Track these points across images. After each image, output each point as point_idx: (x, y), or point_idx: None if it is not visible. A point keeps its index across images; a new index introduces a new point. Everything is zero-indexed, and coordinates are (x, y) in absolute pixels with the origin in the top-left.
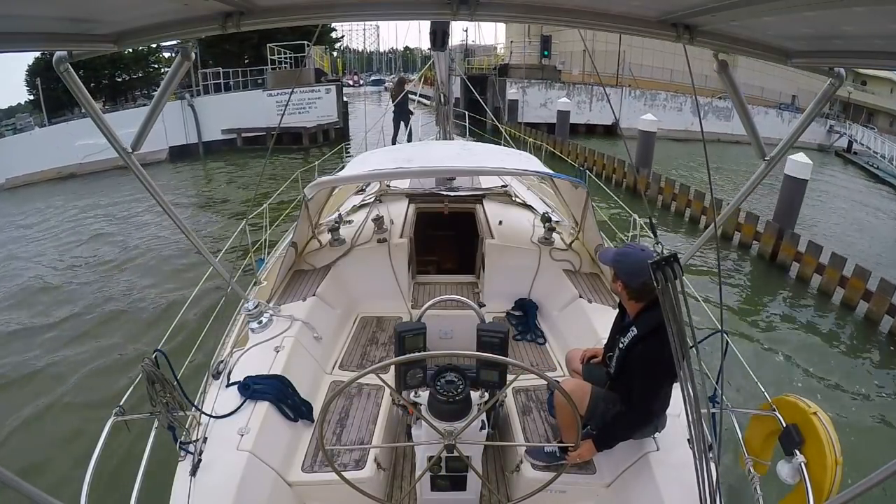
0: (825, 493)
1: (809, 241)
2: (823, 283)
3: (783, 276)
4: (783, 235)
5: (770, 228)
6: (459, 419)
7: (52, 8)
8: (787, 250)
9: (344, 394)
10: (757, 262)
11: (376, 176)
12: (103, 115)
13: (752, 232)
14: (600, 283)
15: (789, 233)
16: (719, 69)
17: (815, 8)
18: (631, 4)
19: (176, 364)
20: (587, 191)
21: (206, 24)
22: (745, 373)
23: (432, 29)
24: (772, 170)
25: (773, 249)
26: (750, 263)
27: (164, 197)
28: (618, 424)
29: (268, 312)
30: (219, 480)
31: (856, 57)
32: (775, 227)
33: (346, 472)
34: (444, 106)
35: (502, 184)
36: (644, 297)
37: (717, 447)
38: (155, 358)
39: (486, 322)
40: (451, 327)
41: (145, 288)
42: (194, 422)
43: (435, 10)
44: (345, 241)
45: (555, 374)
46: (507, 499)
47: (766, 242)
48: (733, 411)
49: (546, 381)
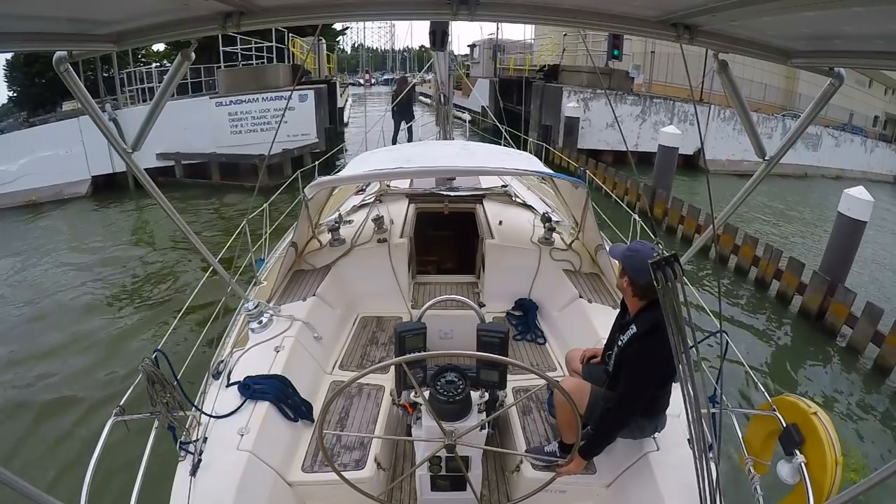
0: (825, 493)
1: (868, 303)
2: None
3: (830, 342)
4: (834, 291)
5: (816, 281)
6: (460, 419)
7: (52, 8)
8: (839, 310)
9: (344, 394)
10: (799, 323)
11: (376, 176)
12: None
13: (796, 283)
14: (600, 283)
15: (842, 289)
16: (719, 69)
17: (815, 8)
18: (631, 4)
19: (176, 364)
20: (587, 191)
21: (206, 24)
22: (746, 373)
23: (431, 29)
24: (771, 170)
25: (819, 308)
26: (791, 324)
27: (168, 202)
28: (601, 429)
29: (268, 312)
30: (219, 480)
31: (856, 57)
32: (823, 280)
33: (346, 472)
34: (444, 106)
35: (502, 184)
36: (648, 295)
37: (717, 447)
38: (155, 358)
39: (486, 322)
40: (451, 327)
41: None
42: (194, 422)
43: (435, 9)
44: (345, 241)
45: (555, 374)
46: (507, 499)
47: (811, 300)
48: (733, 411)
49: (546, 381)
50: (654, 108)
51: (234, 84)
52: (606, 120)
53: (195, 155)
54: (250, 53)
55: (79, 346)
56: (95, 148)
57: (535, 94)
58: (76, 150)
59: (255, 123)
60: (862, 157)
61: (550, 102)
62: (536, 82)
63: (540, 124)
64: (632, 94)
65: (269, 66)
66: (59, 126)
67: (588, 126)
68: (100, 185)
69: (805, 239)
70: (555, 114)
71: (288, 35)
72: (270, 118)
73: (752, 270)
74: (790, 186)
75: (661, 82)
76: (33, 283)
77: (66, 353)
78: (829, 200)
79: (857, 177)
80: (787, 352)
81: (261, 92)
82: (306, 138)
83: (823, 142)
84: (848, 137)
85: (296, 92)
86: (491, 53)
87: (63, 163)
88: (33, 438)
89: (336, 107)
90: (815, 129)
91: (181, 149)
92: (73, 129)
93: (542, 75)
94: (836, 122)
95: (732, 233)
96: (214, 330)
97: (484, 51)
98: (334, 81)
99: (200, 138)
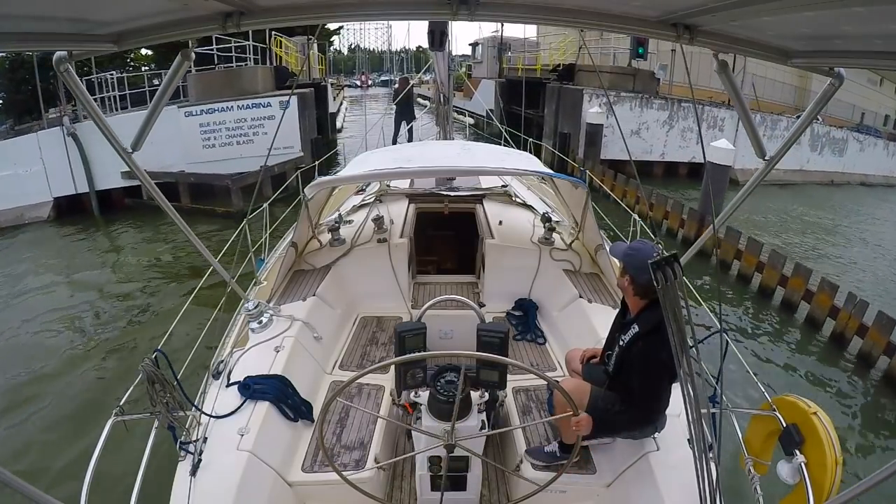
0: (825, 493)
1: None
2: None
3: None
4: None
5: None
6: (459, 419)
7: (52, 8)
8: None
9: (344, 394)
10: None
11: (376, 176)
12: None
13: (855, 326)
14: (600, 283)
15: None
16: (719, 69)
17: (815, 8)
18: (631, 4)
19: (176, 364)
20: (587, 191)
21: (206, 24)
22: (745, 373)
23: (430, 29)
24: (771, 170)
25: None
26: (867, 388)
27: (170, 204)
28: (619, 420)
29: (268, 312)
30: (219, 480)
31: (856, 57)
32: None
33: (346, 472)
34: (444, 106)
35: (502, 184)
36: (649, 294)
37: (717, 447)
38: (155, 358)
39: (486, 322)
40: (451, 327)
41: None
42: (194, 422)
43: (435, 9)
44: (345, 241)
45: (555, 374)
46: (507, 499)
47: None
48: (733, 411)
49: (546, 381)
50: (683, 114)
51: (207, 90)
52: (631, 127)
53: (161, 174)
54: (229, 55)
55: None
56: (56, 167)
57: (550, 97)
58: (36, 169)
59: (230, 136)
60: (885, 162)
61: (568, 107)
62: (551, 84)
63: (556, 131)
64: (658, 96)
65: (245, 68)
66: (16, 142)
67: (611, 134)
68: (63, 207)
69: (829, 261)
70: (574, 120)
71: (270, 33)
72: (248, 129)
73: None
74: (819, 194)
75: (680, 83)
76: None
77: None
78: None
79: (880, 182)
80: (788, 352)
81: (236, 99)
82: (289, 152)
83: (849, 146)
84: (872, 141)
85: (276, 98)
86: (495, 52)
87: (23, 183)
88: None
89: (327, 112)
90: (842, 132)
91: (148, 166)
92: (31, 146)
93: (555, 76)
94: (850, 123)
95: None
96: (214, 330)
97: (488, 49)
98: (325, 84)
99: (169, 154)
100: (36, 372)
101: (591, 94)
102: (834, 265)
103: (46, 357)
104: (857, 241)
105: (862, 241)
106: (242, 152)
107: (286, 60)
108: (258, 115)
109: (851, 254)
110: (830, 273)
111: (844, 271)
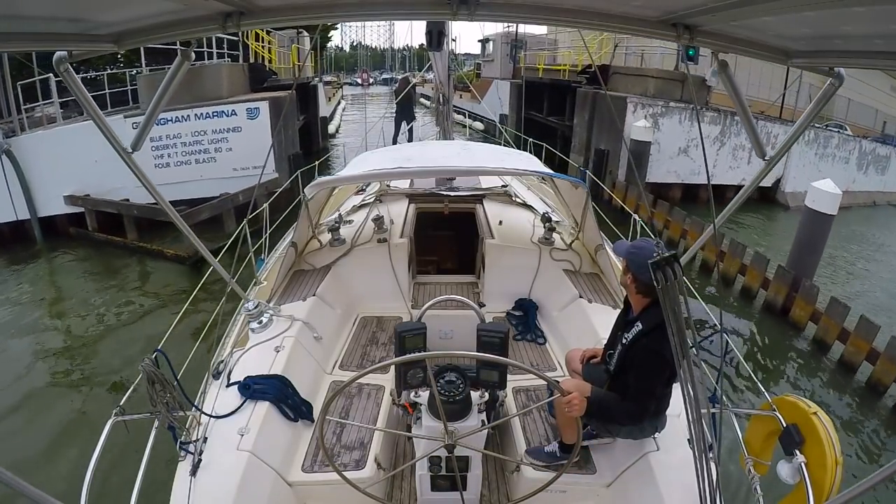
0: (825, 493)
1: None
2: None
3: None
4: None
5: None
6: (460, 419)
7: (52, 8)
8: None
9: (344, 394)
10: None
11: (376, 176)
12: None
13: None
14: (600, 283)
15: None
16: (719, 69)
17: (815, 8)
18: (631, 4)
19: (176, 364)
20: (587, 191)
21: (206, 24)
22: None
23: (428, 29)
24: (771, 170)
25: None
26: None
27: (173, 208)
28: (615, 409)
29: (268, 312)
30: (219, 480)
31: (856, 57)
32: None
33: (346, 472)
34: (444, 106)
35: (502, 184)
36: (652, 292)
37: (717, 447)
38: (155, 358)
39: (486, 322)
40: (451, 327)
41: None
42: (194, 422)
43: (434, 9)
44: (345, 241)
45: (555, 374)
46: (508, 499)
47: None
48: (733, 411)
49: (546, 381)
50: (735, 129)
51: None
52: (679, 144)
53: (106, 202)
54: (200, 50)
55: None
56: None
57: (582, 104)
58: None
59: (187, 152)
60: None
61: (606, 118)
62: (582, 88)
63: (589, 147)
64: (709, 108)
65: (206, 66)
66: None
67: (657, 152)
68: (4, 236)
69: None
70: (613, 135)
71: None
72: (209, 144)
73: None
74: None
75: (721, 91)
76: None
77: None
78: None
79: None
80: (789, 353)
81: (193, 106)
82: (258, 173)
83: (892, 163)
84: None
85: (244, 104)
86: (509, 49)
87: None
88: None
89: (317, 117)
90: (886, 149)
91: (93, 191)
92: None
93: (586, 78)
94: (874, 133)
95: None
96: (214, 330)
97: (501, 46)
98: (314, 84)
99: (117, 175)
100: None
101: (635, 104)
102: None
103: None
104: None
105: None
106: (203, 173)
107: (266, 56)
108: (221, 126)
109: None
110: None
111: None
